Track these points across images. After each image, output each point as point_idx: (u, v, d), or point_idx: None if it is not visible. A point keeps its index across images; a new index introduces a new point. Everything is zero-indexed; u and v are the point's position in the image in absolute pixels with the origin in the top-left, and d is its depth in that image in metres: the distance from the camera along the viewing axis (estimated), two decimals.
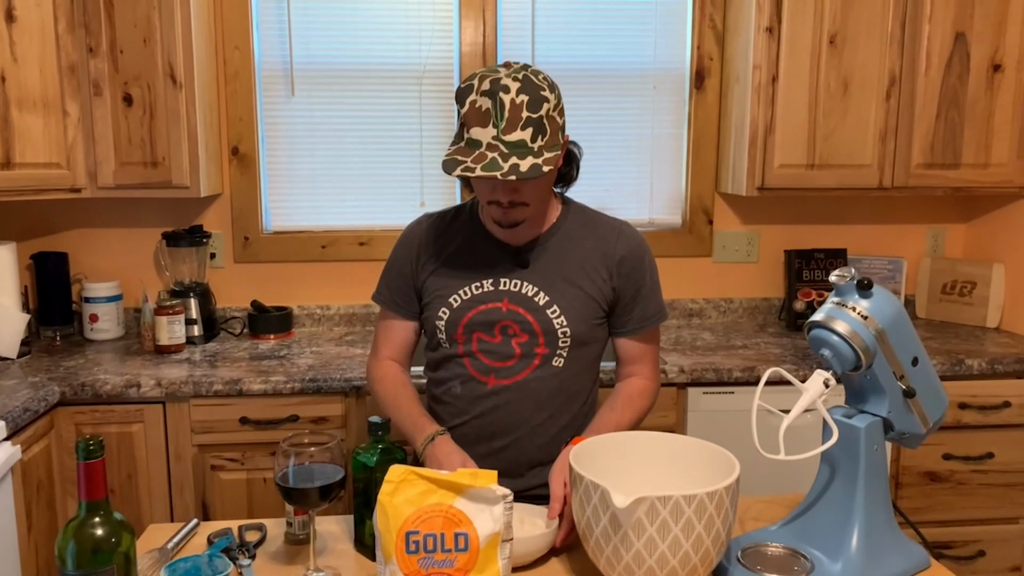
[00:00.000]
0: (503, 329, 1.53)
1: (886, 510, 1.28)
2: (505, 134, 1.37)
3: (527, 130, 1.38)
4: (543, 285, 1.53)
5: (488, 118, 1.37)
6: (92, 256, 2.70)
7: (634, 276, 1.58)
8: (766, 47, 2.46)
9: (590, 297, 1.55)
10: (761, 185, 2.53)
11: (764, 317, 2.93)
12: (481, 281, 1.55)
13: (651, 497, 1.08)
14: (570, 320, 1.53)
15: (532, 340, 1.53)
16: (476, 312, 1.54)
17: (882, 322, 1.22)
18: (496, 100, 1.37)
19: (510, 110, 1.37)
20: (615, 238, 1.58)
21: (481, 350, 1.55)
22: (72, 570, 0.92)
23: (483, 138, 1.38)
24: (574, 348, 1.55)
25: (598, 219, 1.62)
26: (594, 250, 1.57)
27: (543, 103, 1.39)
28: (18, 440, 1.92)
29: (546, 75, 1.45)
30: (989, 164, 2.57)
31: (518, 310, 1.53)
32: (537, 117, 1.39)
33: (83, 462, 0.92)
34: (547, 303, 1.53)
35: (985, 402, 2.37)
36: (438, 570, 1.04)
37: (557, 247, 1.56)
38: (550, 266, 1.55)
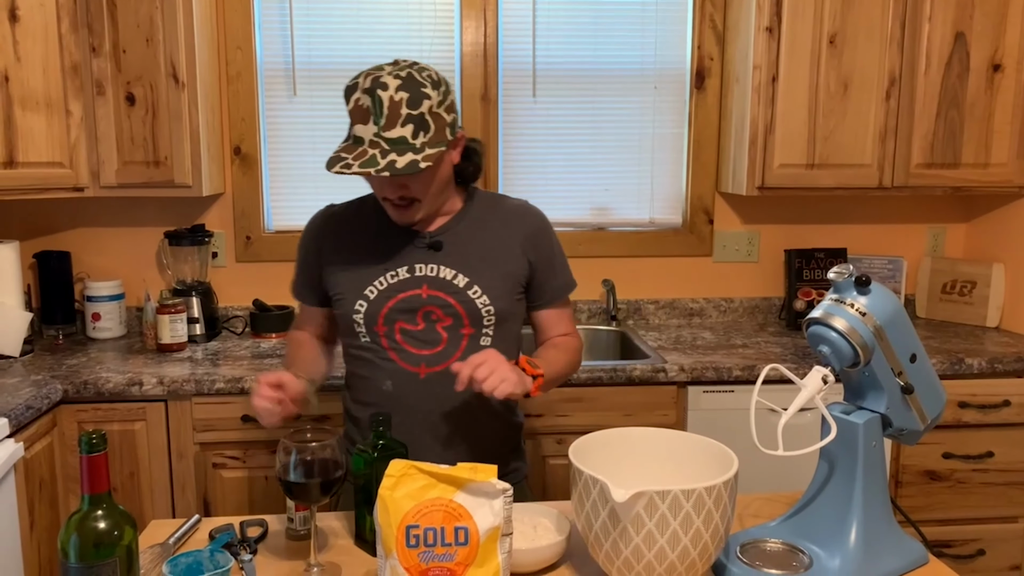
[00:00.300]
0: (426, 315, 1.53)
1: (884, 506, 1.29)
2: (385, 131, 1.40)
3: (407, 127, 1.40)
4: (460, 267, 1.54)
5: (368, 115, 1.40)
6: (94, 255, 2.71)
7: (543, 249, 1.61)
8: (766, 47, 2.47)
9: (508, 273, 1.57)
10: (761, 185, 2.54)
11: (764, 316, 2.93)
12: (396, 270, 1.54)
13: (650, 491, 1.08)
14: (493, 298, 1.54)
15: (457, 322, 1.53)
16: (396, 301, 1.53)
17: (880, 319, 1.23)
18: (375, 97, 1.39)
19: (389, 107, 1.39)
20: (521, 215, 1.62)
21: (405, 339, 1.54)
22: (75, 562, 0.93)
23: (365, 135, 1.41)
24: (498, 325, 1.56)
25: (502, 200, 1.65)
26: (504, 228, 1.59)
27: (423, 100, 1.41)
28: (21, 437, 1.92)
29: (433, 72, 1.46)
30: (989, 164, 2.58)
31: (439, 294, 1.53)
32: (417, 114, 1.40)
33: (85, 455, 0.93)
34: (468, 284, 1.53)
35: (985, 401, 2.37)
36: (438, 564, 1.05)
37: (468, 229, 1.58)
38: (464, 247, 1.56)
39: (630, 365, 2.29)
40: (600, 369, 2.27)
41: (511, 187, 2.80)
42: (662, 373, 2.29)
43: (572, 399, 2.27)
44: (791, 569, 1.23)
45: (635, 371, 2.27)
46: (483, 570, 1.06)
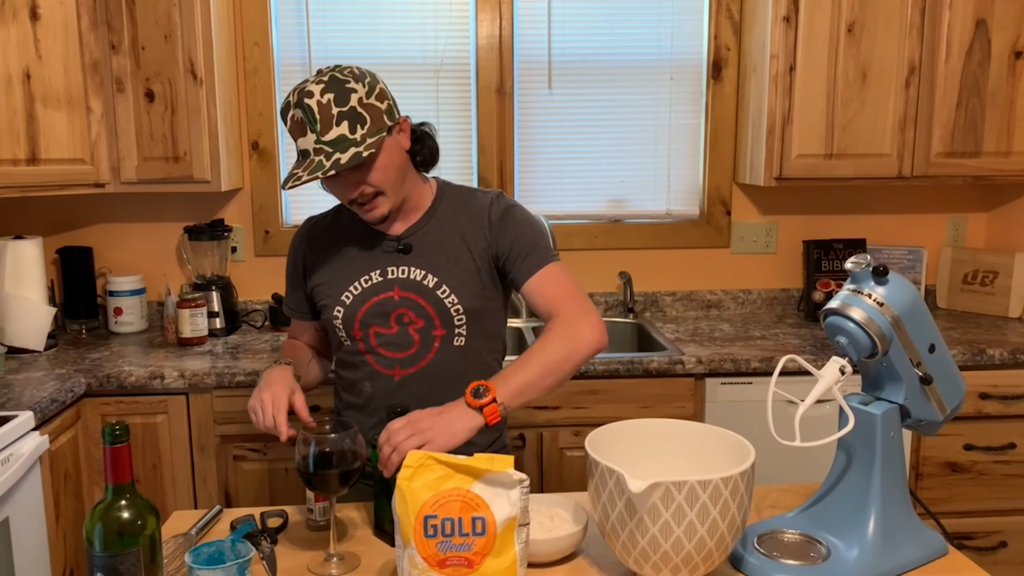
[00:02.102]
0: (399, 318, 1.54)
1: (903, 497, 1.28)
2: (323, 135, 1.40)
3: (342, 124, 1.41)
4: (429, 267, 1.54)
5: (304, 126, 1.41)
6: (116, 250, 2.74)
7: (508, 229, 1.55)
8: (783, 36, 2.45)
9: (476, 270, 1.55)
10: (779, 175, 2.53)
11: (783, 308, 2.92)
12: (370, 274, 1.55)
13: (666, 482, 1.08)
14: (461, 297, 1.53)
15: (428, 324, 1.53)
16: (370, 304, 1.54)
17: (898, 309, 1.22)
18: (304, 107, 1.41)
19: (320, 112, 1.40)
20: (488, 205, 1.57)
21: (380, 344, 1.55)
22: (100, 551, 0.95)
23: (308, 146, 1.42)
24: (471, 323, 1.55)
25: (471, 194, 1.62)
26: (471, 223, 1.56)
27: (350, 94, 1.42)
28: (46, 430, 1.96)
29: (354, 67, 1.47)
30: (1011, 152, 2.55)
31: (410, 296, 1.54)
32: (348, 109, 1.41)
33: (109, 446, 0.95)
34: (436, 284, 1.53)
35: (1007, 392, 2.35)
36: (456, 554, 1.06)
37: (436, 228, 1.57)
38: (432, 247, 1.55)
39: (647, 357, 2.29)
40: (617, 361, 2.27)
41: (527, 179, 2.81)
42: (679, 365, 2.28)
43: (589, 391, 2.27)
44: (809, 560, 1.23)
45: (652, 363, 2.27)
46: (500, 560, 1.07)
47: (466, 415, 1.32)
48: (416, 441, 1.25)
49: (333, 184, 1.48)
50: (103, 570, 0.94)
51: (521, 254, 1.55)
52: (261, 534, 1.31)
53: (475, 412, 1.33)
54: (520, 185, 2.80)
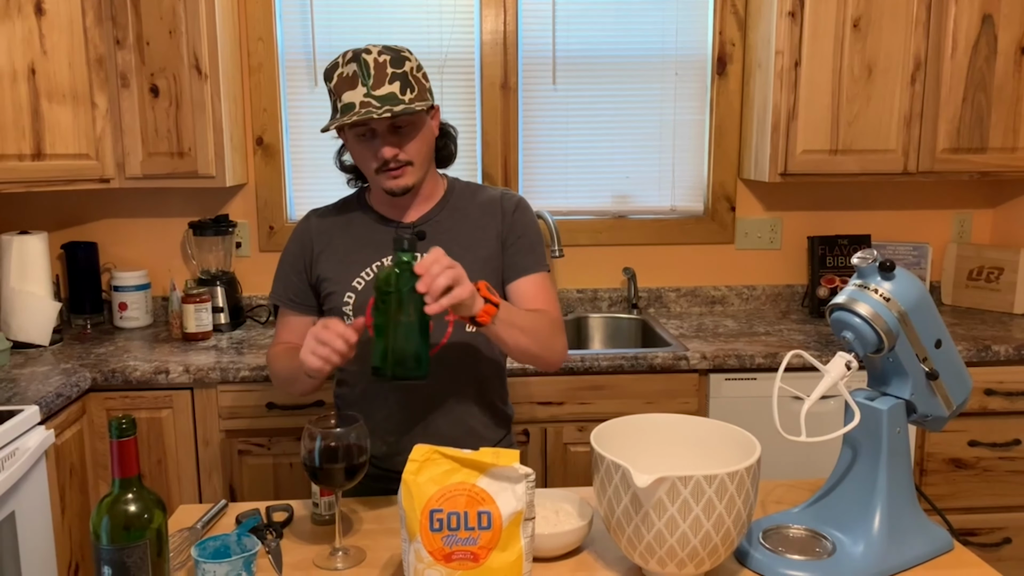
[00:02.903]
0: None
1: (909, 493, 1.28)
2: (374, 89, 1.43)
3: (395, 83, 1.44)
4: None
5: (356, 80, 1.43)
6: (120, 246, 2.74)
7: (516, 226, 1.59)
8: (788, 32, 2.45)
9: (486, 259, 1.56)
10: (784, 171, 2.52)
11: (787, 304, 2.91)
12: (382, 260, 1.55)
13: (672, 477, 1.08)
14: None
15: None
16: None
17: (905, 304, 1.22)
18: (360, 61, 1.43)
19: (375, 68, 1.43)
20: (499, 199, 1.61)
21: None
22: (107, 544, 0.95)
23: (355, 99, 1.43)
24: None
25: (481, 188, 1.65)
26: (483, 212, 1.59)
27: (405, 62, 1.46)
28: (51, 425, 1.96)
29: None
30: (1017, 148, 2.54)
31: None
32: (402, 72, 1.45)
33: (115, 440, 0.95)
34: None
35: (1012, 388, 2.34)
36: (462, 548, 1.06)
37: (448, 217, 1.58)
38: (445, 235, 1.55)
39: (651, 353, 2.29)
40: (621, 357, 2.27)
41: (531, 175, 2.80)
42: (684, 361, 2.28)
43: (593, 387, 2.27)
44: (814, 555, 1.23)
45: (656, 359, 2.27)
46: (506, 554, 1.07)
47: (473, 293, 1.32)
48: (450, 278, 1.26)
49: (366, 146, 1.48)
50: (110, 563, 0.95)
51: (523, 249, 1.58)
52: (266, 528, 1.31)
53: (480, 299, 1.34)
54: (524, 181, 2.80)
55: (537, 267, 1.59)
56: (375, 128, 1.46)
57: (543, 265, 1.60)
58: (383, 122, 1.45)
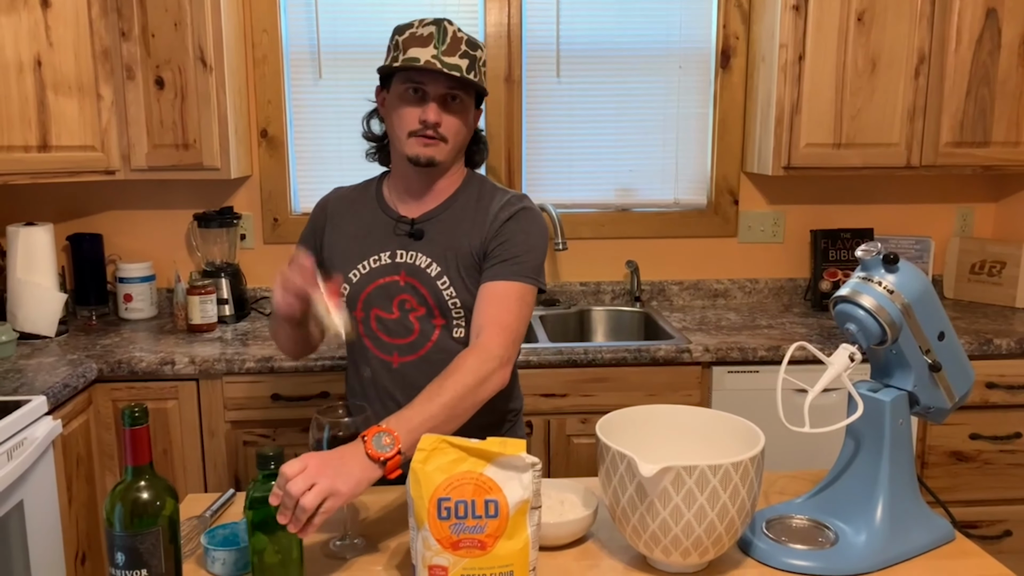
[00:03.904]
0: (400, 304, 1.53)
1: (911, 484, 1.29)
2: (445, 55, 1.44)
3: (464, 60, 1.46)
4: (435, 256, 1.53)
5: (430, 40, 1.45)
6: (125, 237, 2.75)
7: (504, 232, 1.51)
8: (793, 25, 2.45)
9: (472, 265, 1.52)
10: (787, 164, 2.53)
11: (789, 297, 2.92)
12: (379, 254, 1.55)
13: (677, 466, 1.10)
14: (458, 290, 1.52)
15: (429, 313, 1.53)
16: (375, 286, 1.54)
17: (908, 296, 1.23)
18: (440, 27, 1.46)
19: (451, 38, 1.46)
20: (501, 204, 1.54)
21: (380, 328, 1.55)
22: (120, 531, 0.96)
23: (422, 56, 1.44)
24: (469, 317, 1.52)
25: (493, 191, 1.58)
26: (479, 218, 1.54)
27: (478, 48, 1.50)
28: (58, 415, 1.97)
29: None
30: (1020, 142, 2.55)
31: (414, 282, 1.53)
32: (473, 55, 1.48)
33: (128, 428, 0.96)
34: (438, 274, 1.52)
35: (1013, 382, 2.35)
36: (469, 536, 1.07)
37: (449, 218, 1.56)
38: (441, 237, 1.54)
39: (654, 346, 2.30)
40: (624, 349, 2.28)
41: (535, 168, 2.81)
42: (687, 353, 2.29)
43: (597, 379, 2.29)
44: (817, 545, 1.24)
45: (659, 351, 2.28)
46: (512, 542, 1.08)
47: (366, 467, 1.16)
48: (317, 496, 1.08)
49: (412, 104, 1.47)
50: (123, 549, 0.96)
51: (500, 256, 1.50)
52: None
53: (376, 465, 1.17)
54: (528, 174, 2.80)
55: (508, 275, 1.47)
56: (428, 90, 1.46)
57: (520, 276, 1.48)
58: (440, 85, 1.46)
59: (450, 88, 1.47)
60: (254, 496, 1.05)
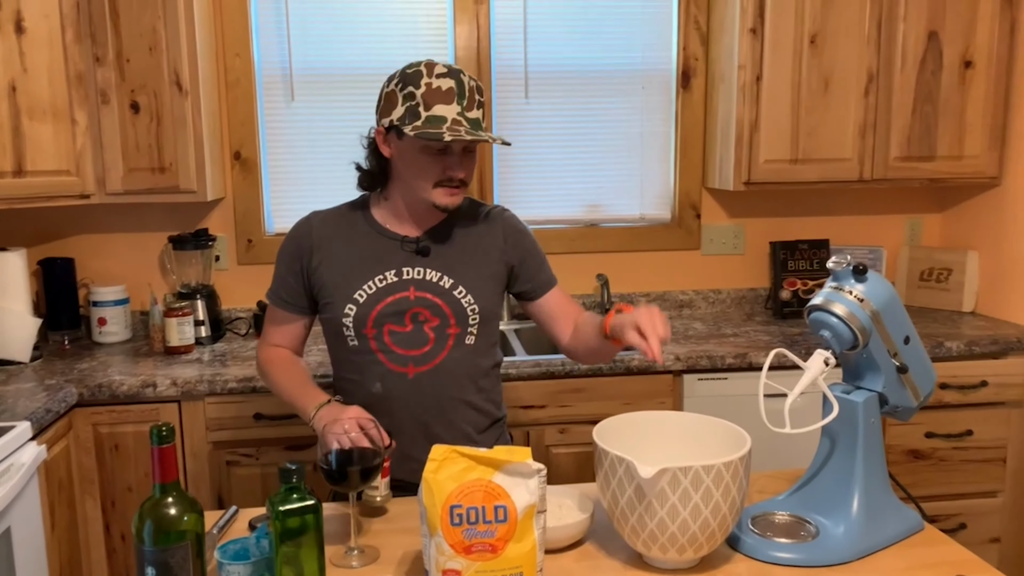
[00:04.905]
0: (413, 317, 1.60)
1: (883, 478, 1.39)
2: (467, 111, 1.53)
3: (480, 111, 1.57)
4: (445, 269, 1.62)
5: (452, 96, 1.52)
6: (97, 261, 2.75)
7: (521, 246, 1.70)
8: (750, 47, 2.57)
9: (489, 275, 1.65)
10: (748, 180, 2.64)
11: (751, 306, 3.04)
12: (384, 273, 1.60)
13: (673, 468, 1.17)
14: (477, 298, 1.62)
15: (444, 323, 1.61)
16: (385, 304, 1.59)
17: (877, 304, 1.32)
18: (459, 80, 1.53)
19: (469, 91, 1.54)
20: (499, 221, 1.71)
21: (394, 341, 1.60)
22: (150, 547, 1.00)
23: (448, 114, 1.51)
24: (482, 325, 1.64)
25: (481, 207, 1.73)
26: (484, 233, 1.68)
27: (483, 93, 1.60)
28: (41, 441, 1.97)
29: None
30: (963, 156, 2.70)
31: (426, 295, 1.60)
32: (483, 101, 1.58)
33: (157, 447, 1.00)
34: (453, 284, 1.61)
35: (964, 382, 2.49)
36: (481, 540, 1.13)
37: (451, 235, 1.65)
38: (448, 251, 1.63)
39: (628, 356, 2.38)
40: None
41: (506, 187, 2.88)
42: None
43: (574, 390, 2.36)
44: (800, 538, 1.33)
45: (633, 361, 2.37)
46: (521, 545, 1.14)
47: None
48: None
49: (434, 159, 1.53)
50: (154, 564, 0.99)
51: (539, 266, 1.72)
52: None
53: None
54: (500, 191, 2.88)
55: (552, 281, 1.75)
56: (454, 148, 1.54)
57: (554, 276, 1.76)
58: (463, 142, 1.53)
59: (470, 142, 1.55)
60: (280, 508, 1.09)
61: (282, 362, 1.69)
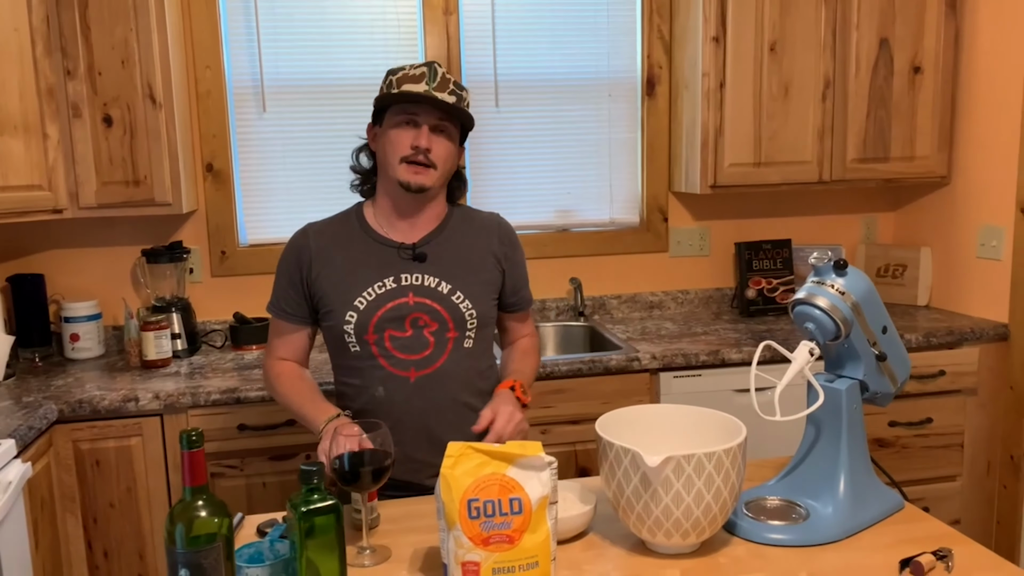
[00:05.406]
0: (413, 322, 1.64)
1: (865, 461, 1.47)
2: (437, 91, 1.60)
3: (453, 97, 1.61)
4: (443, 275, 1.66)
5: (422, 78, 1.60)
6: (66, 276, 2.71)
7: (516, 262, 1.78)
8: (713, 55, 2.67)
9: (486, 281, 1.71)
10: (714, 183, 2.74)
11: (718, 306, 3.13)
12: (383, 280, 1.64)
13: (677, 456, 1.23)
14: (474, 303, 1.67)
15: (443, 327, 1.65)
16: (385, 310, 1.63)
17: (857, 296, 1.41)
18: (431, 67, 1.61)
19: (441, 78, 1.61)
20: (495, 228, 1.77)
21: (395, 347, 1.63)
22: (183, 548, 1.01)
23: (417, 89, 1.59)
24: (479, 329, 1.69)
25: (476, 214, 1.79)
26: (478, 240, 1.73)
27: (465, 91, 1.66)
28: (25, 458, 1.95)
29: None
30: (914, 157, 2.84)
31: (425, 301, 1.64)
32: (460, 93, 1.63)
33: (187, 451, 1.02)
34: (451, 290, 1.66)
35: (923, 372, 2.61)
36: (498, 531, 1.17)
37: (447, 241, 1.71)
38: (445, 258, 1.68)
39: (606, 356, 2.44)
40: (579, 361, 2.41)
41: (479, 193, 2.93)
42: (636, 362, 2.45)
43: (555, 391, 2.41)
44: (791, 520, 1.40)
45: (611, 361, 2.43)
46: (536, 535, 1.19)
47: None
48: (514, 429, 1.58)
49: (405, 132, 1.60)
50: (187, 566, 1.01)
51: (521, 285, 1.81)
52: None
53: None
54: (473, 199, 2.92)
55: (530, 300, 1.85)
56: (420, 119, 1.59)
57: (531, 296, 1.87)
58: (432, 115, 1.59)
59: (440, 119, 1.60)
60: (303, 509, 1.12)
61: (290, 376, 1.72)
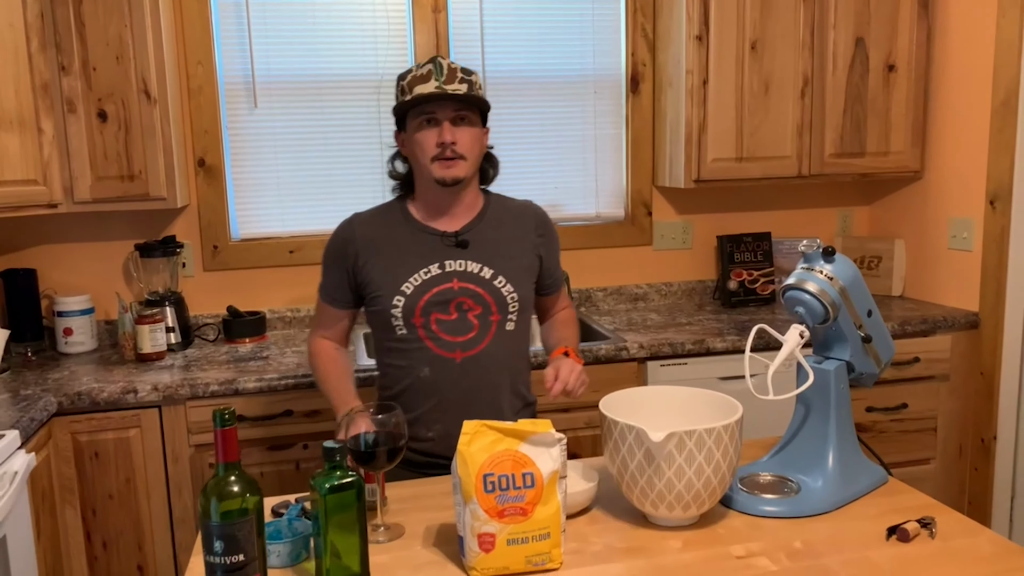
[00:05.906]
0: (458, 306, 1.72)
1: (852, 438, 1.55)
2: (446, 84, 1.67)
3: (463, 85, 1.68)
4: (485, 260, 1.75)
5: (430, 76, 1.67)
6: (59, 271, 2.72)
7: (550, 245, 1.87)
8: (697, 53, 2.74)
9: (526, 266, 1.80)
10: (697, 178, 2.81)
11: (700, 297, 3.22)
12: (428, 267, 1.72)
13: (680, 432, 1.30)
14: (516, 287, 1.76)
15: (486, 311, 1.74)
16: (431, 294, 1.71)
17: (844, 281, 1.48)
18: (435, 63, 1.68)
19: (447, 69, 1.68)
20: (531, 216, 1.86)
21: (441, 329, 1.72)
22: (218, 521, 1.06)
23: (427, 89, 1.66)
24: (520, 312, 1.78)
25: (512, 202, 1.88)
26: (518, 227, 1.82)
27: (473, 75, 1.71)
28: (28, 449, 1.97)
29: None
30: (889, 152, 2.94)
31: (468, 286, 1.73)
32: (469, 79, 1.70)
33: (219, 429, 1.06)
34: (493, 275, 1.74)
35: (899, 359, 2.71)
36: (512, 504, 1.23)
37: (487, 228, 1.79)
38: (486, 244, 1.77)
39: (596, 345, 2.51)
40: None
41: None
42: (624, 351, 2.52)
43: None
44: (784, 494, 1.47)
45: (601, 350, 2.50)
46: (547, 507, 1.25)
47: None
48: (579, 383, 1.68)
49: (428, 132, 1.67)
50: (222, 538, 1.06)
51: (554, 267, 1.91)
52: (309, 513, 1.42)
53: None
54: None
55: (563, 279, 1.98)
56: (438, 116, 1.65)
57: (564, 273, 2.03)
58: (448, 109, 1.64)
59: (457, 110, 1.67)
60: (327, 486, 1.17)
61: (324, 358, 1.83)
